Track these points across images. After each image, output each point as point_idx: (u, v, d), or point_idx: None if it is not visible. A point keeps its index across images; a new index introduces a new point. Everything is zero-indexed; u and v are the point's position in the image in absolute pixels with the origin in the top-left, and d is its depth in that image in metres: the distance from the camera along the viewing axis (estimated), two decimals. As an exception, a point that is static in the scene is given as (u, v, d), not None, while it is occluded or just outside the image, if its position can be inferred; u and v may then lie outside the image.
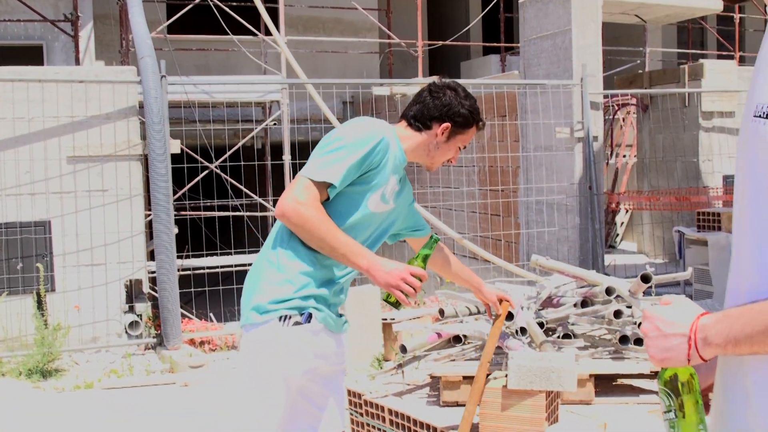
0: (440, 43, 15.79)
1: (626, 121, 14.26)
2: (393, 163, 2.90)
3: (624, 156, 14.14)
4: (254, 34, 11.92)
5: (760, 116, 1.35)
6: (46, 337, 7.00)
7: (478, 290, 3.51)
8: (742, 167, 1.42)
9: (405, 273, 2.70)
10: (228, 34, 11.24)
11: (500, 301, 3.54)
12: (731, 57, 15.32)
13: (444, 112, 3.03)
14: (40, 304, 7.48)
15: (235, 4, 12.84)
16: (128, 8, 8.27)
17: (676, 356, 1.47)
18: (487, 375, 4.15)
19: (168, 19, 11.62)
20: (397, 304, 2.84)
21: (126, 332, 7.93)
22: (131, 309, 8.08)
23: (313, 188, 2.72)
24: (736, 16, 16.01)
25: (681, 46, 18.74)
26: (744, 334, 1.36)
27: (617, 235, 13.99)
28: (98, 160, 7.96)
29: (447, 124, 3.01)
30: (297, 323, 2.76)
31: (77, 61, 12.97)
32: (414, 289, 2.71)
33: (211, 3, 11.44)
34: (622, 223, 14.06)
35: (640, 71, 13.64)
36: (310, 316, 2.78)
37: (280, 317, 2.75)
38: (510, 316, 4.74)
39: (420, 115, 3.06)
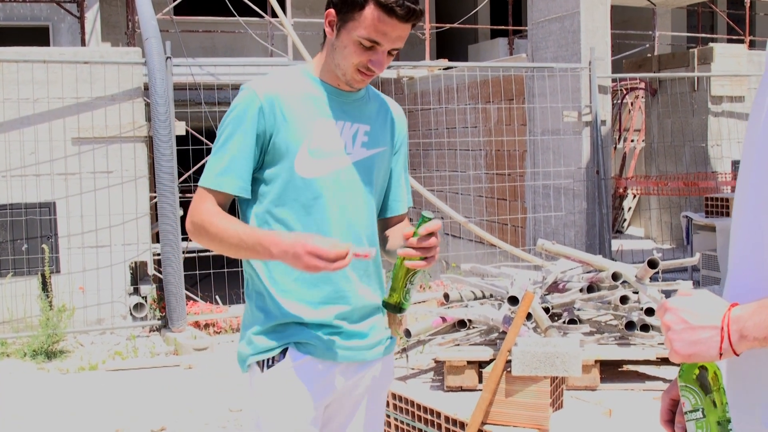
0: (448, 25, 15.70)
1: (634, 105, 14.17)
2: (304, 106, 2.21)
3: (632, 141, 14.06)
4: (261, 16, 11.86)
5: None
6: (50, 319, 7.00)
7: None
8: (751, 146, 1.37)
9: (305, 253, 2.01)
10: (234, 16, 11.19)
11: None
12: (741, 41, 15.18)
13: None
14: (44, 286, 7.48)
15: (241, -15, 12.77)
16: (134, -11, 8.22)
17: (706, 350, 1.35)
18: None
19: (174, 1, 11.56)
20: (396, 308, 2.21)
21: (131, 314, 7.92)
22: (136, 291, 8.07)
23: (207, 197, 2.20)
24: (747, -1, 15.86)
25: (690, 30, 18.59)
26: None
27: (624, 220, 13.93)
28: (103, 142, 7.93)
29: (329, 11, 2.22)
30: (271, 365, 2.21)
31: (83, 43, 12.93)
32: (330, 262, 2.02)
33: (217, -16, 11.37)
34: (630, 208, 14.00)
35: (649, 55, 13.54)
36: (285, 351, 2.20)
37: (259, 363, 2.22)
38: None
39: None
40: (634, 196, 13.69)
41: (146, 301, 7.95)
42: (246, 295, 2.32)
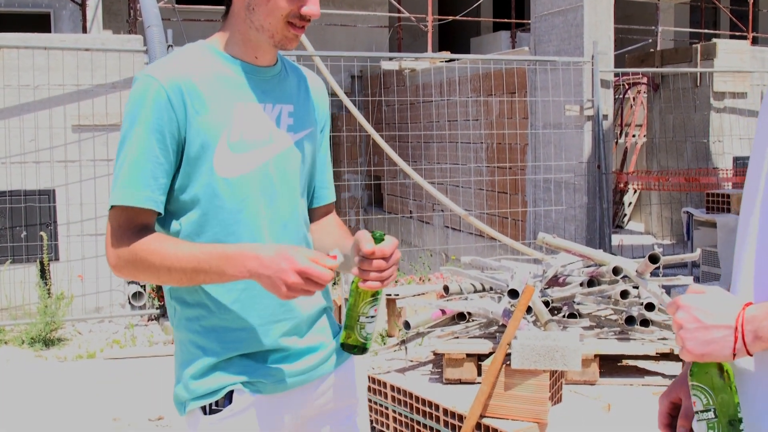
0: (450, 18, 15.66)
1: (636, 100, 14.14)
2: (218, 90, 1.84)
3: (633, 135, 14.04)
4: (263, 6, 11.81)
5: None
6: (49, 306, 6.99)
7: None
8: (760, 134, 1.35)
9: (292, 271, 1.66)
10: (236, 4, 11.13)
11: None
12: (744, 37, 15.16)
13: None
14: (43, 273, 7.46)
15: (244, -26, 12.72)
16: (136, -24, 8.19)
17: (720, 350, 1.32)
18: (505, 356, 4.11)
19: (176, -11, 11.53)
20: (357, 349, 1.85)
21: (129, 303, 7.91)
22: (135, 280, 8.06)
23: (120, 218, 1.79)
24: (751, -5, 15.82)
25: (693, 26, 18.55)
26: None
27: (625, 215, 13.92)
28: (103, 130, 7.91)
29: None
30: (215, 410, 1.87)
31: (84, 30, 12.90)
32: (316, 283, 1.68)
33: (219, -27, 11.32)
34: (630, 203, 13.98)
35: (652, 50, 13.51)
36: (230, 395, 1.86)
37: (201, 408, 1.87)
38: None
39: None
40: (635, 191, 13.67)
41: (145, 290, 7.94)
42: (174, 327, 1.93)
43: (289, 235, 1.92)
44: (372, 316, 1.81)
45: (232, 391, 1.85)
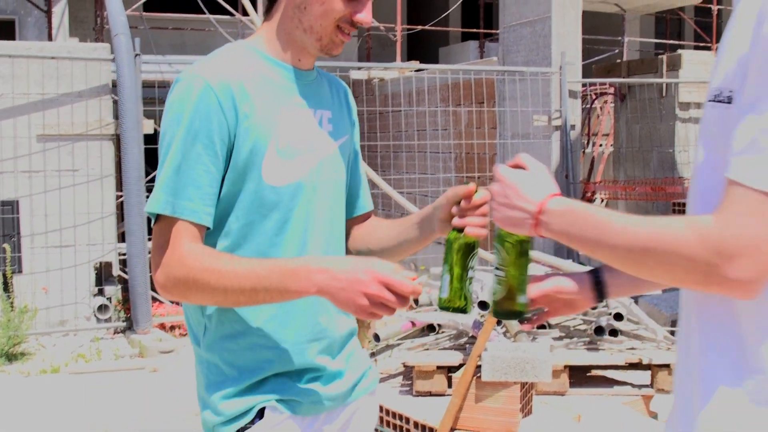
0: (419, 27, 15.71)
1: (603, 110, 14.24)
2: (264, 93, 1.76)
3: (600, 145, 14.14)
4: (231, 14, 11.77)
5: (711, 100, 1.36)
6: (12, 320, 6.87)
7: (432, 210, 1.90)
8: (699, 140, 1.42)
9: (373, 281, 1.55)
10: (205, 13, 11.09)
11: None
12: (708, 48, 15.35)
13: None
14: (6, 286, 7.33)
15: (212, -17, 12.67)
16: (102, -16, 8.10)
17: (519, 228, 1.49)
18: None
19: (143, -3, 11.45)
20: (459, 309, 1.74)
21: (95, 316, 7.80)
22: (101, 292, 7.95)
23: (166, 232, 1.68)
24: (714, 7, 16.04)
25: (659, 37, 18.77)
26: (579, 236, 1.40)
27: (592, 224, 13.98)
28: (69, 139, 7.81)
29: None
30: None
31: (50, 37, 12.76)
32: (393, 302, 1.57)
33: (187, -19, 11.26)
34: (598, 213, 14.05)
35: (618, 60, 13.63)
36: (261, 412, 1.77)
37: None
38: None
39: None
40: (602, 201, 13.76)
41: (111, 302, 7.84)
42: (203, 348, 1.81)
43: (332, 247, 1.87)
44: (473, 270, 1.74)
45: (263, 408, 1.76)
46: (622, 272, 1.59)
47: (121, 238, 7.91)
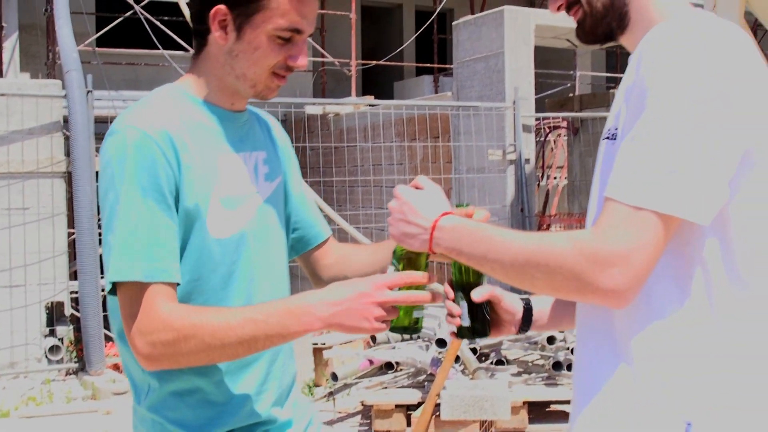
0: (374, 62, 15.80)
1: (557, 143, 14.42)
2: (201, 140, 1.67)
3: (555, 178, 14.29)
4: (185, 50, 11.72)
5: (604, 138, 1.51)
6: (-40, 362, 6.69)
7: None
8: (595, 175, 1.57)
9: (377, 289, 1.53)
10: (158, 48, 11.03)
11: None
12: (658, 82, 15.62)
13: None
14: (-46, 327, 7.14)
15: (165, 18, 12.64)
16: (55, 19, 8.02)
17: (414, 244, 1.55)
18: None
19: (97, 32, 11.36)
20: (411, 330, 1.69)
21: (46, 357, 7.62)
22: (52, 332, 7.78)
23: (137, 298, 1.55)
24: (663, 42, 16.35)
25: (610, 71, 19.09)
26: (467, 251, 1.48)
27: (548, 256, 14.08)
28: (19, 177, 7.67)
29: (217, 8, 1.66)
30: None
31: (0, 73, 12.59)
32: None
33: (141, 17, 11.21)
34: (553, 245, 14.16)
35: (571, 95, 13.82)
36: None
37: None
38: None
39: (192, 21, 1.76)
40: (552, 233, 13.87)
41: (63, 342, 7.67)
42: (145, 406, 1.69)
43: (277, 293, 1.79)
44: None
45: None
46: (545, 307, 1.79)
47: (74, 276, 7.76)
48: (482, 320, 1.72)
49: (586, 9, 1.60)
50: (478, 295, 1.68)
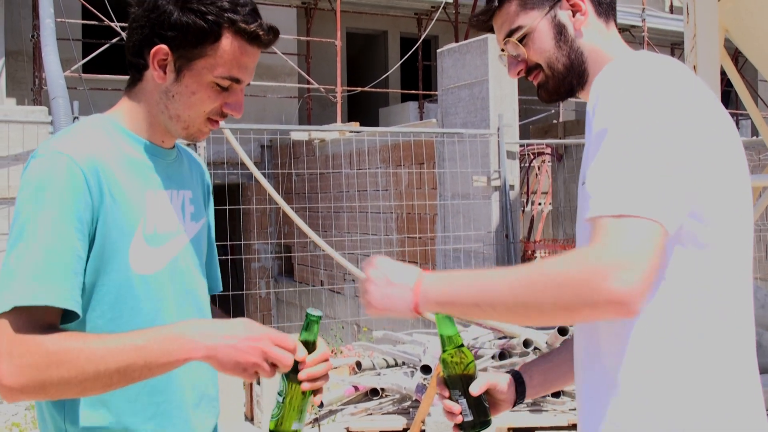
0: (359, 89, 15.89)
1: (541, 169, 14.52)
2: (129, 174, 1.64)
3: (539, 204, 14.37)
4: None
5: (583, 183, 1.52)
6: (-58, 389, 6.65)
7: None
8: (578, 220, 1.61)
9: (267, 339, 1.50)
10: (144, 75, 11.06)
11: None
12: (641, 109, 15.78)
13: (149, 27, 1.64)
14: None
15: (152, 45, 12.67)
16: (42, 46, 8.07)
17: (398, 305, 1.50)
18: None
19: (84, 58, 11.39)
20: None
21: (30, 383, 7.59)
22: (36, 358, 7.75)
23: (19, 322, 1.44)
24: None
25: (593, 97, 19.22)
26: (461, 296, 1.44)
27: (532, 281, 14.13)
28: (5, 203, 7.67)
29: (157, 48, 1.63)
30: None
31: (-14, 99, 12.59)
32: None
33: (127, 43, 11.25)
34: (537, 270, 14.22)
35: (555, 121, 13.95)
36: None
37: None
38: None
39: (128, 52, 1.70)
40: (542, 259, 13.93)
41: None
42: None
43: None
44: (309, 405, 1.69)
45: None
46: (537, 372, 1.80)
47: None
48: (483, 410, 1.70)
49: (548, 72, 1.68)
50: (477, 388, 1.67)
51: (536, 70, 1.70)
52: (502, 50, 1.73)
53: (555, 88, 1.70)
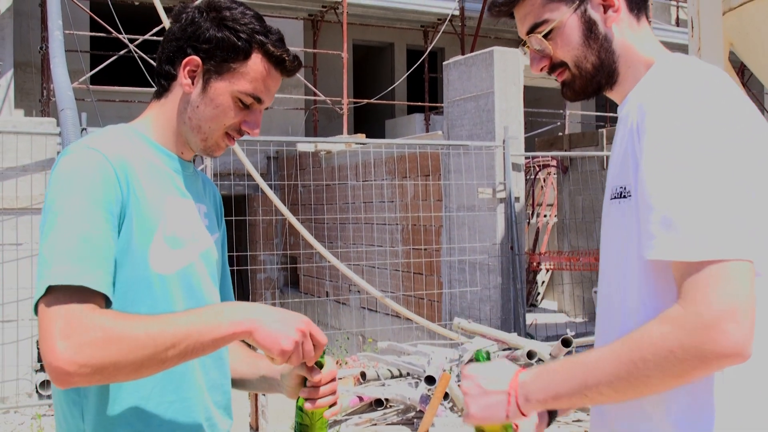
0: (365, 101, 15.95)
1: (547, 181, 14.54)
2: (152, 178, 1.70)
3: (545, 216, 14.39)
4: (179, 88, 11.83)
5: (614, 197, 1.49)
6: (-50, 398, 6.68)
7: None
8: (605, 235, 1.56)
9: (306, 324, 1.59)
10: (152, 86, 11.13)
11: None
12: (647, 121, 15.78)
13: (184, 39, 1.74)
14: (-55, 363, 7.15)
15: (160, 56, 12.75)
16: (50, 58, 8.13)
17: (496, 413, 1.47)
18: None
19: (92, 70, 11.47)
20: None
21: (37, 392, 7.63)
22: (43, 368, 7.78)
23: (66, 304, 1.46)
24: (651, 82, 16.53)
25: (599, 110, 19.29)
26: (564, 389, 1.41)
27: (538, 293, 14.16)
28: (13, 213, 7.73)
29: (190, 58, 1.73)
30: None
31: (-6, 110, 12.67)
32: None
33: (135, 55, 11.33)
34: (543, 282, 14.25)
35: (560, 133, 13.97)
36: None
37: None
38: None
39: (159, 62, 1.80)
40: (548, 271, 13.95)
41: (53, 378, 7.66)
42: None
43: None
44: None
45: None
46: None
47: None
48: None
49: (575, 71, 1.59)
50: None
51: (561, 67, 1.61)
52: (524, 43, 1.63)
53: (582, 88, 1.62)
